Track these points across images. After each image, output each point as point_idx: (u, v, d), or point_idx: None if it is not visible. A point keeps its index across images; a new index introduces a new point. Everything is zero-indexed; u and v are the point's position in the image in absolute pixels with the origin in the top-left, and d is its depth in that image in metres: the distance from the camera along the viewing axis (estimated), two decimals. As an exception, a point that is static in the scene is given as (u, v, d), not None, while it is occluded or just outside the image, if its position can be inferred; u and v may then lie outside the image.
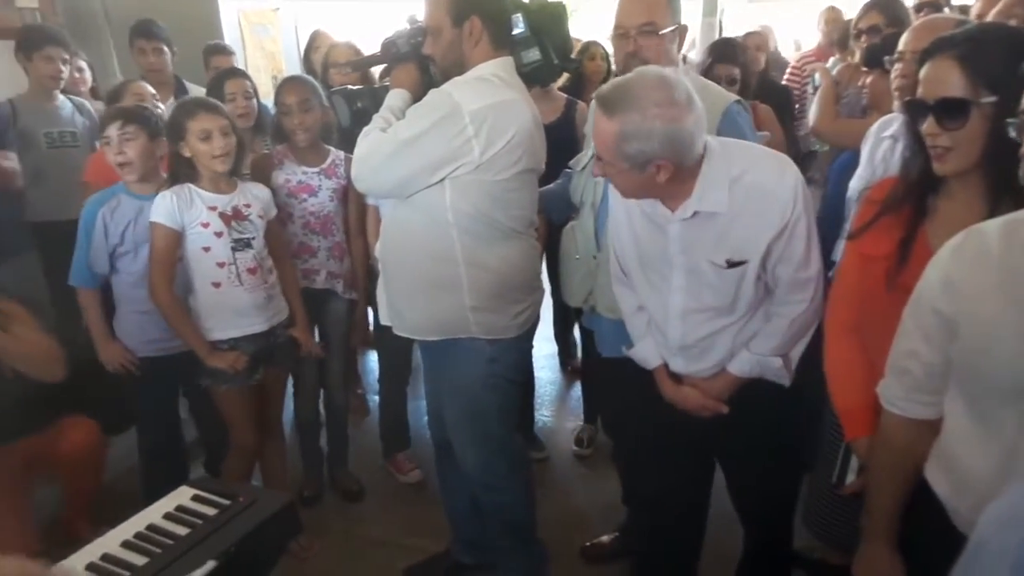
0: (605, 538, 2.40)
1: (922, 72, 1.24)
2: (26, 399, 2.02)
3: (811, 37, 4.58)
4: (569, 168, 1.99)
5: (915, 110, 1.26)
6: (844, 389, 1.44)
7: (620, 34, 1.75)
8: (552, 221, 2.20)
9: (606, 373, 2.12)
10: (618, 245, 1.64)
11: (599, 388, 2.60)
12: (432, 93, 1.67)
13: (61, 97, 2.94)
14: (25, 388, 1.98)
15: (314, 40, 3.43)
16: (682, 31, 1.79)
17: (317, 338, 2.52)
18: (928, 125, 1.21)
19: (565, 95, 2.84)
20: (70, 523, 2.38)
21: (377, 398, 2.94)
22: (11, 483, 2.15)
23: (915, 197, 1.31)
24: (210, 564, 1.26)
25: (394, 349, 2.71)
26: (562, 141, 2.32)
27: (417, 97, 1.73)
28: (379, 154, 1.67)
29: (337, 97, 1.87)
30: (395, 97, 1.75)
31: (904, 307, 1.15)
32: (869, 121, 2.07)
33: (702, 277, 1.50)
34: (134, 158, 2.09)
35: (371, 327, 2.81)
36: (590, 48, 3.25)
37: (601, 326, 1.97)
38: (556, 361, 3.64)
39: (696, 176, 1.42)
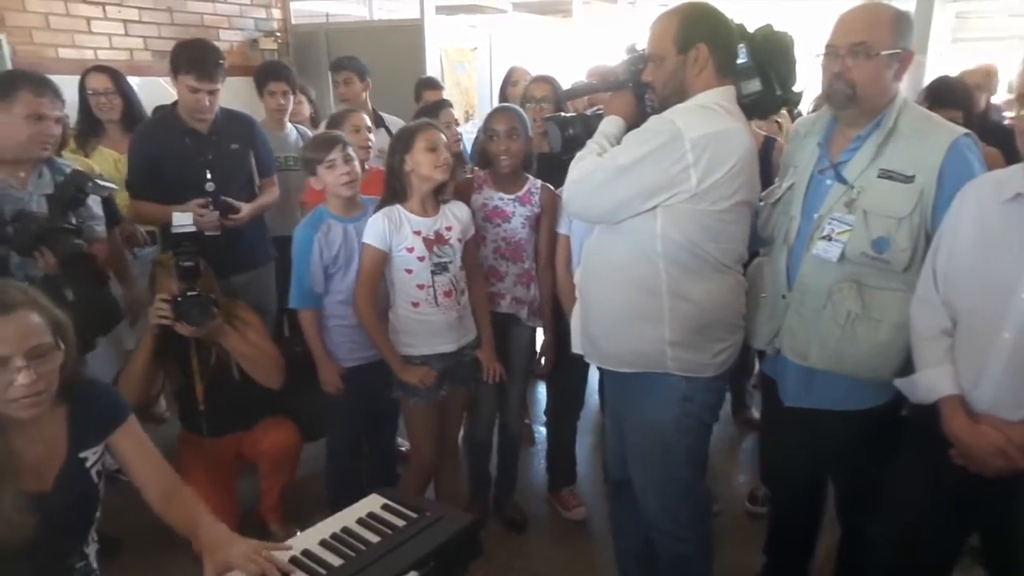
0: None
1: None
2: (243, 399, 2.22)
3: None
4: (760, 200, 1.89)
5: None
6: None
7: (829, 53, 1.65)
8: None
9: (783, 424, 1.95)
10: (948, 251, 1.51)
11: (768, 438, 2.40)
12: (653, 119, 1.64)
13: (289, 125, 3.26)
14: (245, 389, 2.17)
15: (511, 75, 3.54)
16: (905, 57, 1.64)
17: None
18: None
19: (763, 132, 2.71)
20: (263, 516, 2.54)
21: (543, 429, 2.91)
22: (222, 471, 2.36)
23: None
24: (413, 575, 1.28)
25: (567, 381, 2.68)
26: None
27: (632, 125, 1.71)
28: (594, 178, 1.66)
29: (550, 123, 1.90)
30: (610, 124, 1.74)
31: None
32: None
33: None
34: (358, 175, 2.25)
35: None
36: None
37: (786, 371, 1.84)
38: (728, 407, 3.45)
39: None
